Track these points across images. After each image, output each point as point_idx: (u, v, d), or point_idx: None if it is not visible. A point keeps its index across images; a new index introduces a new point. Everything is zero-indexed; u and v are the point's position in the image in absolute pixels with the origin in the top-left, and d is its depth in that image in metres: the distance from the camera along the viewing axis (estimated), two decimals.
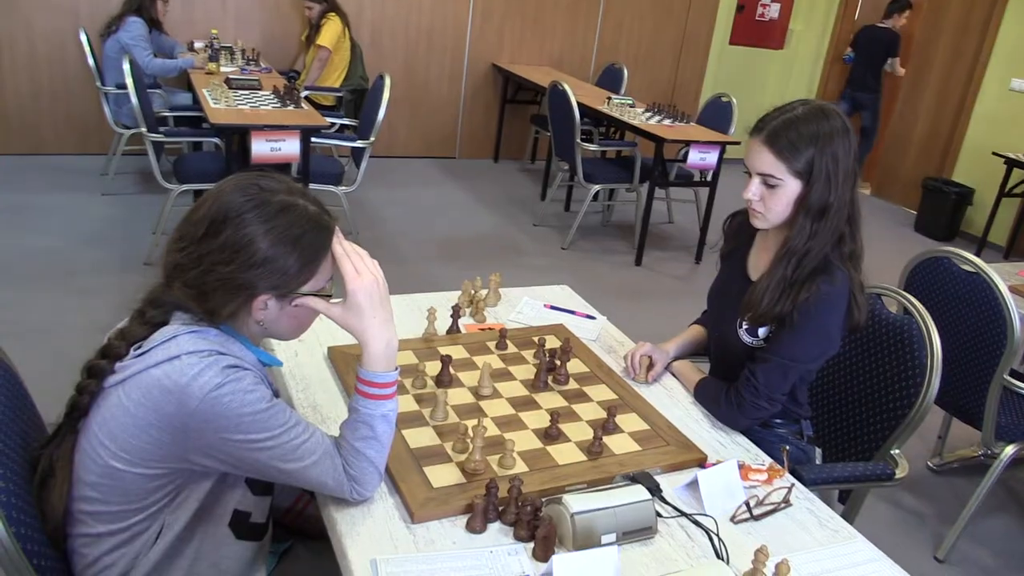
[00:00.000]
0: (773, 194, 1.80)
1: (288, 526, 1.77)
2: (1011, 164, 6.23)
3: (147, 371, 1.26)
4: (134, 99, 4.28)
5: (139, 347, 1.31)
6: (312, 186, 4.59)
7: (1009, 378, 2.68)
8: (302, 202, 1.35)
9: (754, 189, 1.82)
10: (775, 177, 1.78)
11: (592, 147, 5.52)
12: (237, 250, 1.28)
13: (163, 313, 1.34)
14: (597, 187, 5.45)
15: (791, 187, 1.78)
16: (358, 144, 4.79)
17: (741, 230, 2.09)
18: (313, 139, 4.49)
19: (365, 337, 1.38)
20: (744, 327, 1.93)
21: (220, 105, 4.44)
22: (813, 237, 1.79)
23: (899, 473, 1.99)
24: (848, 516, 2.03)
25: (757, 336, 1.91)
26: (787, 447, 1.87)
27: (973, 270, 2.68)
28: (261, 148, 4.14)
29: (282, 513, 1.77)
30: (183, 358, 1.25)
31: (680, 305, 4.45)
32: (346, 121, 5.73)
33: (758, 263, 1.98)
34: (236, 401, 1.25)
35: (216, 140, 4.70)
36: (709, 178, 5.43)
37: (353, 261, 1.38)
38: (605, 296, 4.69)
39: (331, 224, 1.38)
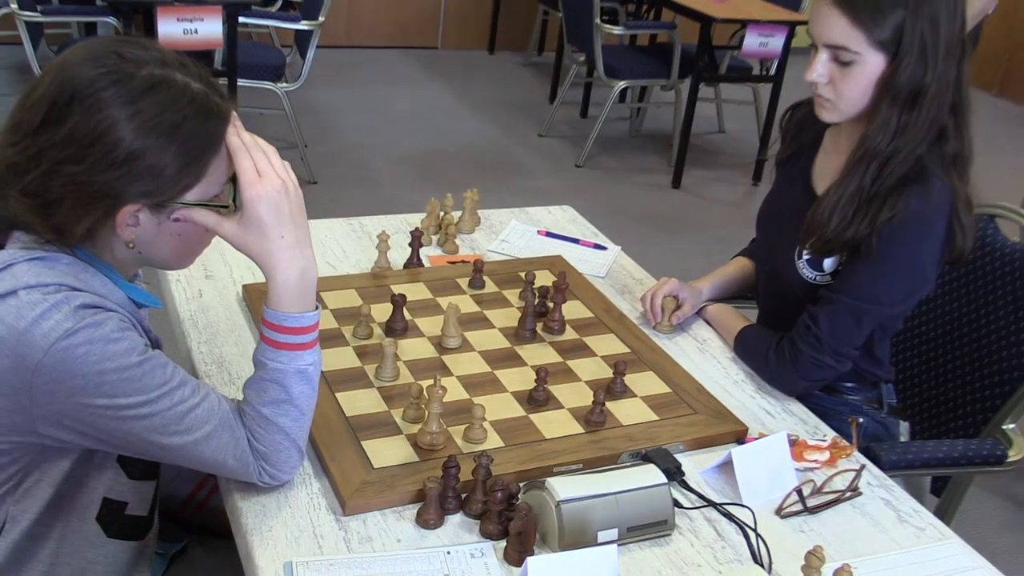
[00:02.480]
0: (847, 74, 1.76)
1: (185, 521, 1.77)
2: None
3: None
4: None
5: None
6: (243, 82, 4.54)
7: None
8: (181, 77, 1.28)
9: (820, 68, 1.78)
10: (849, 51, 1.74)
11: (617, 31, 5.43)
12: (90, 142, 1.22)
13: None
14: (623, 84, 5.38)
15: (872, 64, 1.74)
16: (303, 26, 4.72)
17: (804, 127, 2.05)
18: (242, 19, 4.42)
19: (269, 264, 1.34)
20: (805, 257, 1.90)
21: None
22: (901, 133, 1.75)
23: (1013, 455, 1.97)
24: (943, 512, 2.02)
25: (822, 270, 1.89)
26: (859, 418, 1.84)
27: None
28: (171, 30, 4.07)
29: (178, 504, 1.76)
30: (20, 294, 1.21)
31: (730, 239, 4.37)
32: None
33: (826, 171, 1.94)
34: (95, 353, 1.21)
35: (112, 20, 4.63)
36: (772, 71, 5.37)
37: (254, 159, 1.32)
38: (631, 226, 4.66)
39: (224, 108, 1.33)
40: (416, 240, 2.10)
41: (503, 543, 1.38)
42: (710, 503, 1.52)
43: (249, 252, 1.34)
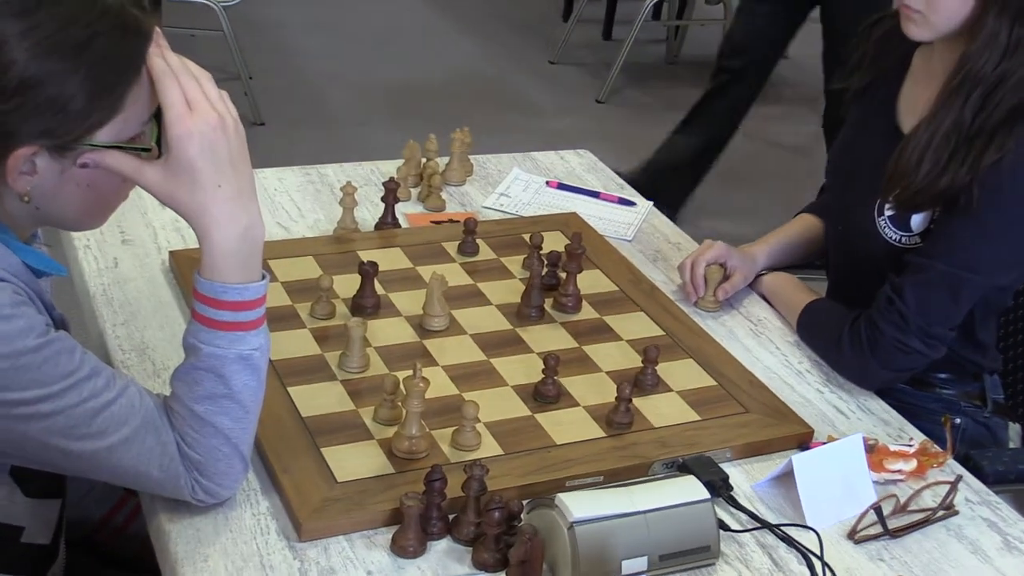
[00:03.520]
0: None
1: (100, 550, 1.77)
2: None
3: None
4: None
5: None
6: None
7: None
8: None
9: None
10: None
11: None
12: None
13: None
14: None
15: None
16: None
17: (887, 48, 2.05)
18: None
19: (203, 221, 1.34)
20: (888, 213, 1.91)
21: None
22: (1012, 53, 1.76)
23: None
24: None
25: (909, 229, 1.90)
26: (956, 418, 1.86)
27: None
28: None
29: (90, 529, 1.77)
30: None
31: (793, 192, 4.40)
32: None
33: (915, 103, 1.95)
34: None
35: None
36: None
37: (184, 87, 1.32)
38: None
39: (145, 24, 1.33)
40: (391, 194, 2.10)
41: (501, 575, 1.38)
42: (764, 524, 1.53)
43: (177, 206, 1.34)
